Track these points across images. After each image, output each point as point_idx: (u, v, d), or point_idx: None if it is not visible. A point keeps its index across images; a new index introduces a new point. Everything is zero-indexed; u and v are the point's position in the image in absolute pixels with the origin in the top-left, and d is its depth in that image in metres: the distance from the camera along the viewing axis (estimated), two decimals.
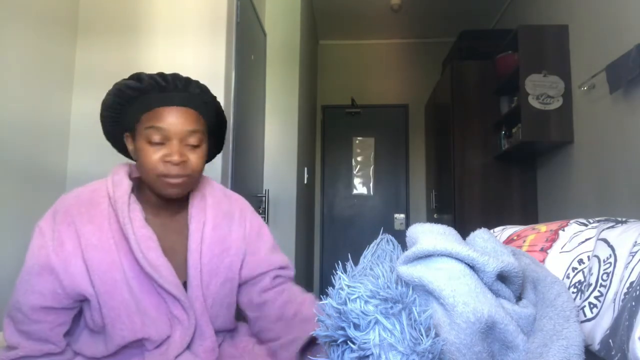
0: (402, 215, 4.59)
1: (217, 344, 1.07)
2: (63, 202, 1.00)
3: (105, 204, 0.99)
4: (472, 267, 0.77)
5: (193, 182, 1.01)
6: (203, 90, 1.04)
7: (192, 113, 0.98)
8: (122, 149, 1.10)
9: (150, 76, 0.99)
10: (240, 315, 1.19)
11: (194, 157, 0.98)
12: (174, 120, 0.96)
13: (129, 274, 0.97)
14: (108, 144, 1.94)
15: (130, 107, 1.00)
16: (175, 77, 1.00)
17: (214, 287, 1.07)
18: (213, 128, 1.08)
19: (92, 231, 0.96)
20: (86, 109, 1.94)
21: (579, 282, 0.98)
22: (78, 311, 1.02)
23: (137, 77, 1.00)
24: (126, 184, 1.01)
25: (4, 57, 1.54)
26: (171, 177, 0.96)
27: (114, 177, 1.03)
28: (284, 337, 1.07)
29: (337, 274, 0.76)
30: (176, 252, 1.04)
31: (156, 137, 0.95)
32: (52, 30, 1.81)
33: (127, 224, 0.96)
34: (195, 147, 0.98)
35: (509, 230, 1.33)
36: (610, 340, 0.79)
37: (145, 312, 0.98)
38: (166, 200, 1.04)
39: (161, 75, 1.00)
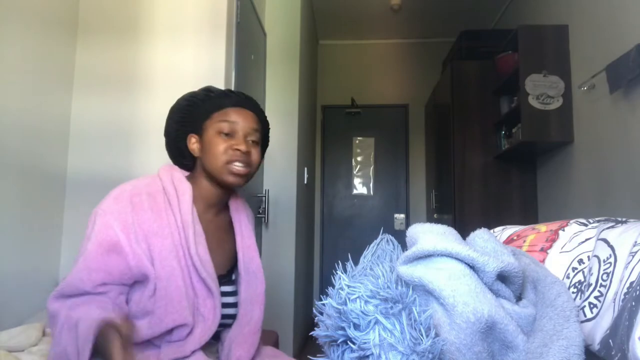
0: (402, 215, 4.59)
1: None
2: (122, 189, 1.05)
3: (161, 197, 1.07)
4: (472, 267, 0.77)
5: (251, 174, 1.13)
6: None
7: (254, 115, 1.16)
8: (175, 152, 1.19)
9: (218, 89, 1.17)
10: None
11: (254, 152, 1.13)
12: (242, 117, 1.12)
13: (181, 263, 1.04)
14: (108, 144, 1.94)
15: (200, 108, 1.14)
16: (238, 91, 1.19)
17: (260, 282, 1.19)
18: (261, 141, 1.21)
19: (152, 218, 1.03)
20: (86, 109, 1.94)
21: (579, 282, 0.98)
22: None
23: (207, 88, 1.16)
24: (188, 182, 1.11)
25: (4, 57, 1.54)
26: (236, 165, 1.09)
27: (174, 173, 1.12)
28: None
29: (337, 274, 0.76)
30: (217, 248, 1.14)
31: (226, 128, 1.10)
32: (52, 30, 1.81)
33: (189, 218, 1.05)
34: (255, 143, 1.14)
35: (509, 230, 1.33)
36: (610, 340, 0.79)
37: (188, 301, 1.04)
38: (215, 199, 1.15)
39: (227, 89, 1.18)
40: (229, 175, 1.09)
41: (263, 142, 1.22)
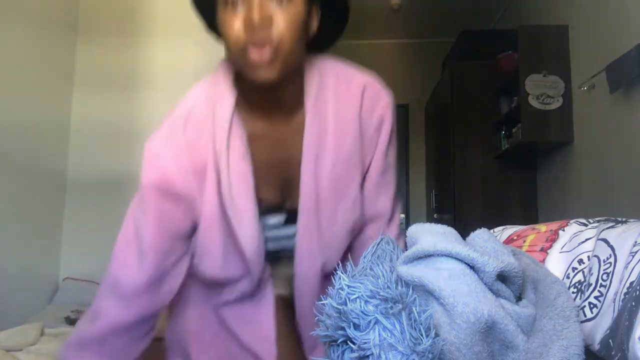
0: (402, 215, 4.58)
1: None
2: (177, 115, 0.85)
3: (208, 119, 0.81)
4: (472, 267, 0.76)
5: (287, 57, 0.73)
6: None
7: None
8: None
9: None
10: None
11: (282, 16, 0.70)
12: None
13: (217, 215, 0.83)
14: (108, 144, 1.94)
15: None
16: None
17: (332, 222, 0.88)
18: None
19: (192, 152, 0.82)
20: (86, 109, 1.94)
21: (579, 282, 0.98)
22: None
23: None
24: (230, 97, 0.80)
25: (4, 57, 1.54)
26: (253, 46, 0.70)
27: (217, 87, 0.82)
28: None
29: (337, 274, 0.76)
30: (283, 163, 0.85)
31: None
32: (52, 30, 1.81)
33: (222, 155, 0.79)
34: (281, 2, 0.70)
35: (509, 230, 1.33)
36: (610, 340, 0.79)
37: (225, 256, 0.85)
38: (272, 101, 0.81)
39: None
40: (251, 69, 0.72)
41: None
